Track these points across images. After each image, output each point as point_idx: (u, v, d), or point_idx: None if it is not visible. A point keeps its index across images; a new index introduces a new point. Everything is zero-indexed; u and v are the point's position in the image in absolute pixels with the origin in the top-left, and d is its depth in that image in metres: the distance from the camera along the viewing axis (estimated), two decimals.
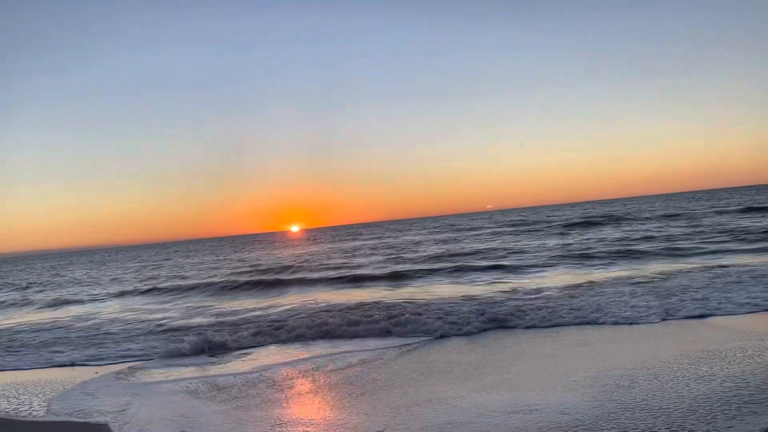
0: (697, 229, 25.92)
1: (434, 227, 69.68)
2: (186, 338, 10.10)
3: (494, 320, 9.69)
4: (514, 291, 13.14)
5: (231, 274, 26.49)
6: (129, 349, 10.25)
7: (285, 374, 7.48)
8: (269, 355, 8.87)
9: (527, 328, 9.25)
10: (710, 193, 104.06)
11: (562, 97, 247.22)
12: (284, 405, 6.02)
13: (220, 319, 13.08)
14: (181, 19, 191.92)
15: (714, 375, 5.66)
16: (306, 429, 5.18)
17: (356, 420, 5.31)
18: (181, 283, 24.02)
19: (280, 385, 6.89)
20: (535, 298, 11.55)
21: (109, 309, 17.68)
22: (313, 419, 5.46)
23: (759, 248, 17.38)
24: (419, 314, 10.45)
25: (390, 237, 54.00)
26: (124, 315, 15.67)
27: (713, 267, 14.09)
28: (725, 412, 4.67)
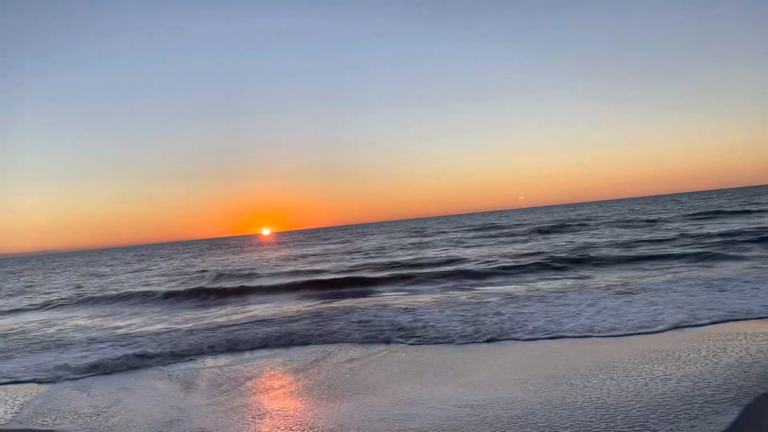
0: (656, 236, 26.22)
1: (400, 231, 69.43)
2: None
3: (440, 333, 9.07)
4: (451, 300, 12.86)
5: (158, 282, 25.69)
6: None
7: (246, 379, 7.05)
8: (219, 364, 8.38)
9: (471, 342, 8.89)
10: (675, 197, 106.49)
11: (552, 101, 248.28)
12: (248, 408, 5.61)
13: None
14: (180, 21, 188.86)
15: (670, 375, 5.49)
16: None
17: (326, 414, 4.97)
18: (111, 293, 22.66)
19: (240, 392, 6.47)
20: (482, 309, 11.32)
21: (41, 319, 16.83)
22: (278, 425, 5.09)
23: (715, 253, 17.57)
24: (369, 321, 10.07)
25: (356, 240, 53.54)
26: (47, 329, 14.91)
27: (671, 272, 14.10)
28: (687, 411, 4.49)
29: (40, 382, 7.82)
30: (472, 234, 42.78)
